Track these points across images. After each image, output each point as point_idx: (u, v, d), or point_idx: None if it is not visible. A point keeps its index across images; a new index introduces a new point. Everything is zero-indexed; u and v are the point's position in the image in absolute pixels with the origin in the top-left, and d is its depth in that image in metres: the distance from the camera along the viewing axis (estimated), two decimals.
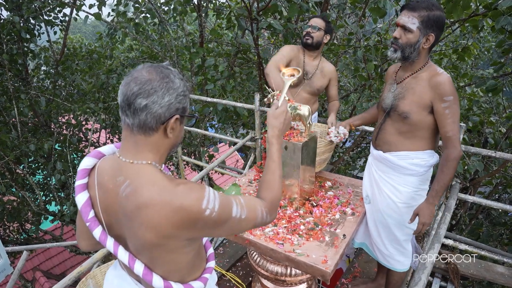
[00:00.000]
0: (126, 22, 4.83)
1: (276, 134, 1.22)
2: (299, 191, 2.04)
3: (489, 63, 4.80)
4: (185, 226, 0.93)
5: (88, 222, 1.05)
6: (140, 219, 0.93)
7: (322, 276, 1.64)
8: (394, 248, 2.11)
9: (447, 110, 1.68)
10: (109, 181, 1.01)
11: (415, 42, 1.69)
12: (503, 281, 2.55)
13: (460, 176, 3.98)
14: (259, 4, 4.10)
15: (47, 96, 5.52)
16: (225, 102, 3.60)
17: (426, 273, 1.49)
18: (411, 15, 1.67)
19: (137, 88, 0.92)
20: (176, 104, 0.97)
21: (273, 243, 1.80)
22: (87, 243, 1.20)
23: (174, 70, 1.00)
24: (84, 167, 1.07)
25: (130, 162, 0.98)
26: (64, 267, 7.42)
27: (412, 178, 1.91)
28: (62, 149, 5.84)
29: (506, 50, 3.10)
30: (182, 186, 0.95)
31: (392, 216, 1.99)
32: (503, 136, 3.56)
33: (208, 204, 0.95)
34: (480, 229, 4.20)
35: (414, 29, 1.67)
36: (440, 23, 1.67)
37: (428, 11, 1.64)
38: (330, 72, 2.76)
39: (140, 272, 1.03)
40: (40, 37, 5.60)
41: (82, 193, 1.05)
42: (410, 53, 1.73)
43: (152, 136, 0.97)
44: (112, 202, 1.01)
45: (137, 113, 0.93)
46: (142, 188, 0.94)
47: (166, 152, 1.04)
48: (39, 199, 5.63)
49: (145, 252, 1.00)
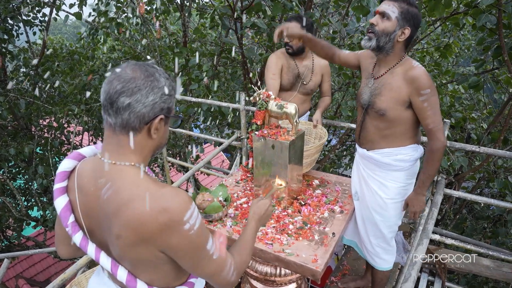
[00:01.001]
0: (107, 22, 4.74)
1: (256, 218, 1.26)
2: (287, 190, 2.03)
3: (470, 61, 4.90)
4: (162, 231, 0.88)
5: (67, 227, 1.00)
6: (119, 220, 0.89)
7: (313, 276, 1.63)
8: (379, 247, 2.11)
9: (425, 103, 1.68)
10: (90, 183, 0.97)
11: (391, 32, 1.68)
12: (488, 274, 2.59)
13: (445, 171, 4.04)
14: (243, 3, 4.08)
15: (26, 98, 5.37)
16: (209, 102, 3.57)
17: (416, 268, 1.50)
18: (391, 4, 1.67)
19: (120, 86, 0.88)
20: (161, 104, 0.93)
21: (262, 243, 1.78)
22: (67, 249, 1.14)
23: (160, 68, 0.97)
24: (64, 170, 1.02)
25: (112, 163, 0.94)
26: (48, 273, 7.25)
27: (398, 174, 1.91)
28: (43, 153, 5.70)
29: (487, 48, 3.16)
30: (168, 189, 0.91)
31: (379, 212, 2.00)
32: (485, 132, 3.63)
33: (190, 218, 0.90)
34: (464, 223, 4.27)
35: (392, 18, 1.66)
36: (417, 20, 1.68)
37: (408, 5, 1.66)
38: (322, 68, 2.74)
39: (123, 279, 0.99)
40: (19, 37, 5.46)
41: (61, 197, 1.00)
42: (385, 43, 1.70)
43: (136, 136, 0.93)
44: (93, 206, 0.97)
45: (119, 112, 0.89)
46: (124, 190, 0.90)
47: (150, 153, 1.00)
48: (21, 204, 5.48)
49: (126, 258, 0.96)
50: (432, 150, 1.74)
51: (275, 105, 1.97)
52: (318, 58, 2.73)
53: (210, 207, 1.90)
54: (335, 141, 6.93)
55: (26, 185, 6.19)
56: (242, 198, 2.18)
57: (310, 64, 2.70)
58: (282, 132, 1.98)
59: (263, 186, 2.10)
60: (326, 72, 2.76)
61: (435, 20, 3.72)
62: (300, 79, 2.71)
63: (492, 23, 2.79)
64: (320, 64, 2.73)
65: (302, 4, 4.12)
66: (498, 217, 4.06)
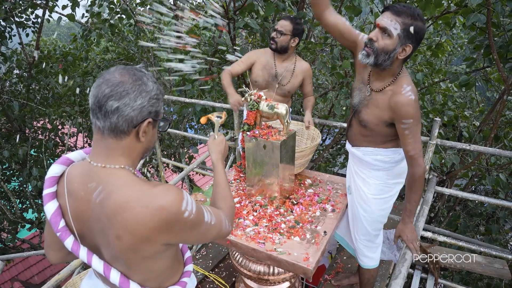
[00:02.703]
0: (100, 23, 4.73)
1: (219, 157, 1.40)
2: (279, 189, 2.04)
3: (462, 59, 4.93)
4: (163, 228, 0.91)
5: (58, 232, 1.00)
6: (116, 224, 0.90)
7: (304, 274, 1.64)
8: (363, 244, 2.13)
9: (406, 131, 1.64)
10: (80, 188, 0.98)
11: (391, 50, 1.57)
12: (480, 270, 2.62)
13: (438, 169, 4.07)
14: (236, 4, 4.08)
15: (20, 100, 5.35)
16: (203, 103, 3.58)
17: (406, 265, 1.52)
18: (394, 19, 1.53)
19: (108, 90, 0.90)
20: (149, 108, 0.95)
21: (254, 242, 1.79)
22: (56, 254, 1.14)
23: (148, 72, 0.98)
24: (52, 175, 1.02)
25: (102, 167, 0.95)
26: (43, 276, 7.21)
27: (378, 173, 1.93)
28: (37, 155, 5.68)
29: (478, 46, 3.19)
30: (159, 187, 0.93)
31: (363, 207, 2.01)
32: (476, 130, 3.66)
33: (187, 206, 0.94)
34: (458, 220, 4.31)
35: (394, 35, 1.54)
36: (420, 36, 1.56)
37: (412, 19, 1.52)
38: (303, 71, 2.73)
39: (116, 281, 1.00)
40: (12, 39, 5.43)
41: (51, 202, 1.01)
42: (383, 61, 1.60)
43: (124, 139, 0.95)
44: (84, 210, 0.98)
45: (108, 116, 0.91)
46: (117, 192, 0.91)
47: (139, 156, 1.02)
48: (15, 207, 5.45)
49: (121, 259, 0.97)
50: (414, 177, 1.71)
51: (266, 105, 1.98)
52: (301, 62, 2.73)
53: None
54: (329, 140, 6.95)
55: (21, 187, 6.15)
56: (235, 198, 2.19)
57: (291, 66, 2.69)
58: (273, 132, 1.99)
59: (255, 186, 2.11)
60: (308, 75, 2.75)
61: (426, 19, 3.75)
62: (277, 79, 2.70)
63: (482, 22, 2.82)
64: (302, 67, 2.71)
65: (295, 4, 4.13)
66: (491, 214, 4.10)
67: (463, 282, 4.31)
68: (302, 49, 3.95)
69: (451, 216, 4.39)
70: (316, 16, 1.87)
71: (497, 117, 3.08)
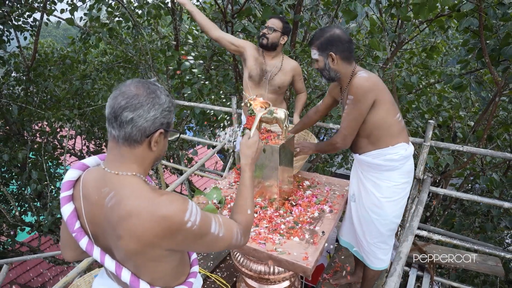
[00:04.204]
0: (100, 27, 4.76)
1: (249, 162, 1.31)
2: (279, 191, 2.10)
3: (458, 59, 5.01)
4: (166, 236, 0.97)
5: (74, 232, 1.07)
6: (124, 228, 0.96)
7: (304, 273, 1.70)
8: (375, 246, 2.19)
9: (346, 106, 1.94)
10: (94, 192, 1.04)
11: (323, 66, 1.97)
12: (474, 267, 2.69)
13: (434, 170, 4.14)
14: (234, 7, 4.14)
15: (19, 103, 5.37)
16: (202, 106, 3.63)
17: (401, 263, 1.57)
18: (311, 48, 1.98)
19: (124, 102, 0.96)
20: (161, 119, 1.01)
21: (255, 243, 1.85)
22: (71, 253, 1.22)
23: (161, 86, 1.04)
24: (69, 179, 1.08)
25: (115, 174, 1.01)
26: (43, 279, 7.22)
27: (390, 173, 2.01)
28: (36, 157, 5.70)
29: (471, 49, 3.26)
30: (165, 196, 0.98)
31: (375, 211, 2.08)
32: (471, 130, 3.73)
33: (190, 217, 0.98)
34: (453, 219, 4.38)
35: (317, 57, 1.96)
36: (334, 40, 1.91)
37: (319, 39, 1.93)
38: (292, 69, 2.79)
39: (127, 280, 1.06)
40: (10, 43, 5.45)
41: (67, 205, 1.07)
42: (328, 74, 2.00)
43: (137, 148, 1.01)
44: (97, 213, 1.04)
45: (123, 126, 0.97)
46: (127, 199, 0.97)
47: (150, 164, 1.08)
48: (15, 210, 5.48)
49: (130, 261, 1.03)
50: (330, 140, 2.08)
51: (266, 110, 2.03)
52: (288, 60, 2.81)
53: (205, 210, 1.96)
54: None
55: (19, 191, 6.17)
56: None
57: (279, 64, 2.75)
58: (272, 136, 2.05)
59: (255, 188, 2.17)
60: (297, 72, 2.82)
61: (421, 22, 3.82)
62: (267, 76, 2.75)
63: (475, 25, 2.89)
64: (290, 65, 2.78)
65: (292, 8, 4.20)
66: (486, 212, 4.18)
67: (459, 280, 4.38)
68: (300, 52, 4.01)
69: (446, 215, 4.46)
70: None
71: (489, 118, 3.16)
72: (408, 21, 3.31)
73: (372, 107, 1.88)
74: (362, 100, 1.84)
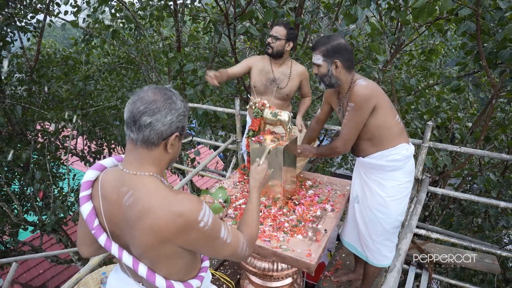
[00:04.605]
0: (104, 30, 4.82)
1: (257, 185, 1.43)
2: (282, 191, 2.17)
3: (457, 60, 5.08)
4: (180, 232, 1.03)
5: (93, 230, 1.14)
6: (142, 224, 1.03)
7: (307, 268, 1.77)
8: (381, 244, 2.27)
9: (346, 112, 1.99)
10: (113, 192, 1.11)
11: (326, 72, 2.01)
12: (471, 265, 2.76)
13: (432, 170, 4.22)
14: (236, 10, 4.20)
15: (22, 104, 5.42)
16: (205, 107, 3.69)
17: (400, 260, 1.65)
18: (315, 54, 2.02)
19: (143, 107, 1.03)
20: (177, 123, 1.08)
21: (260, 240, 1.92)
22: (88, 249, 1.29)
23: (176, 92, 1.12)
24: (88, 180, 1.15)
25: (133, 174, 1.08)
26: (44, 278, 7.23)
27: (394, 173, 2.10)
28: (38, 157, 5.74)
29: (469, 52, 3.33)
30: (182, 195, 1.06)
31: (381, 210, 2.17)
32: (468, 131, 3.81)
33: (203, 217, 1.06)
34: (452, 218, 4.45)
35: (321, 63, 2.00)
36: (341, 48, 1.96)
37: (326, 45, 1.97)
38: (300, 74, 2.85)
39: (144, 274, 1.13)
40: (13, 43, 5.51)
41: (86, 204, 1.14)
42: (329, 81, 2.04)
43: (154, 150, 1.08)
44: (116, 212, 1.11)
45: (141, 129, 1.04)
46: (145, 197, 1.04)
47: (166, 165, 1.15)
48: (18, 209, 5.53)
49: (146, 256, 1.10)
50: (329, 145, 2.17)
51: (269, 113, 2.11)
52: (296, 65, 2.86)
53: (211, 208, 2.03)
54: (326, 141, 7.08)
55: (21, 190, 6.22)
56: (240, 199, 2.32)
57: (287, 70, 2.80)
58: (276, 138, 2.12)
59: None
60: (304, 77, 2.88)
61: (420, 25, 3.89)
62: (275, 84, 2.81)
63: (472, 29, 2.96)
64: (298, 70, 2.83)
65: (293, 10, 4.26)
66: (484, 212, 4.25)
67: (458, 278, 4.45)
68: (301, 55, 4.07)
69: (445, 214, 4.54)
70: None
71: (486, 120, 3.23)
72: (408, 24, 3.38)
73: (373, 111, 1.96)
74: (363, 107, 1.92)
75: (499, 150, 4.19)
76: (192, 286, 1.22)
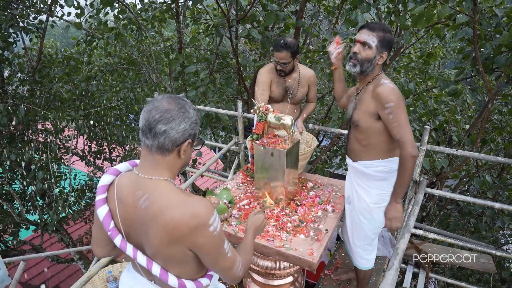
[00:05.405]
0: (107, 31, 4.87)
1: (253, 228, 1.48)
2: (285, 192, 2.24)
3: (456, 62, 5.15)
4: (191, 233, 1.10)
5: (109, 231, 1.21)
6: (156, 225, 1.10)
7: (309, 266, 1.85)
8: (361, 248, 2.34)
9: (390, 116, 1.84)
10: (129, 195, 1.17)
11: (372, 58, 1.91)
12: (468, 265, 2.84)
13: (430, 172, 4.29)
14: (238, 14, 4.26)
15: (25, 104, 5.47)
16: (208, 109, 3.75)
17: (398, 259, 1.71)
18: (371, 34, 1.89)
19: (158, 116, 1.09)
20: (190, 131, 1.15)
21: (264, 240, 1.99)
22: (102, 250, 1.35)
23: (188, 101, 1.18)
24: (104, 184, 1.22)
25: (148, 178, 1.15)
26: (43, 277, 7.23)
27: (381, 182, 2.12)
28: (40, 158, 5.79)
29: (466, 56, 3.41)
30: (196, 198, 1.13)
31: (365, 216, 2.21)
32: (465, 134, 3.88)
33: (213, 222, 1.12)
34: (449, 219, 4.53)
35: (373, 46, 1.89)
36: (391, 45, 1.93)
37: (384, 32, 1.88)
38: (308, 79, 2.89)
39: (157, 273, 1.19)
40: (16, 44, 5.55)
41: (103, 207, 1.21)
42: (367, 68, 1.94)
43: (168, 156, 1.15)
44: (131, 214, 1.17)
45: (157, 137, 1.10)
46: (160, 199, 1.11)
47: (178, 170, 1.22)
48: (20, 208, 5.57)
49: (159, 256, 1.17)
50: (401, 159, 1.88)
51: (273, 117, 2.18)
52: (305, 69, 2.89)
53: (216, 209, 2.10)
54: (326, 142, 7.16)
55: (22, 189, 6.26)
56: (244, 200, 2.39)
57: (297, 77, 2.85)
58: (279, 141, 2.19)
59: (262, 189, 2.31)
60: (312, 82, 2.93)
61: (418, 31, 3.96)
62: (289, 91, 2.87)
63: (470, 35, 3.04)
64: (305, 76, 2.87)
65: (294, 14, 4.33)
66: (481, 213, 4.33)
67: (455, 278, 4.53)
68: (302, 58, 4.14)
69: (442, 215, 4.62)
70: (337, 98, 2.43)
71: (482, 123, 3.30)
72: (407, 29, 3.45)
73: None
74: (403, 103, 1.86)
75: (496, 152, 4.27)
76: (202, 284, 1.28)
